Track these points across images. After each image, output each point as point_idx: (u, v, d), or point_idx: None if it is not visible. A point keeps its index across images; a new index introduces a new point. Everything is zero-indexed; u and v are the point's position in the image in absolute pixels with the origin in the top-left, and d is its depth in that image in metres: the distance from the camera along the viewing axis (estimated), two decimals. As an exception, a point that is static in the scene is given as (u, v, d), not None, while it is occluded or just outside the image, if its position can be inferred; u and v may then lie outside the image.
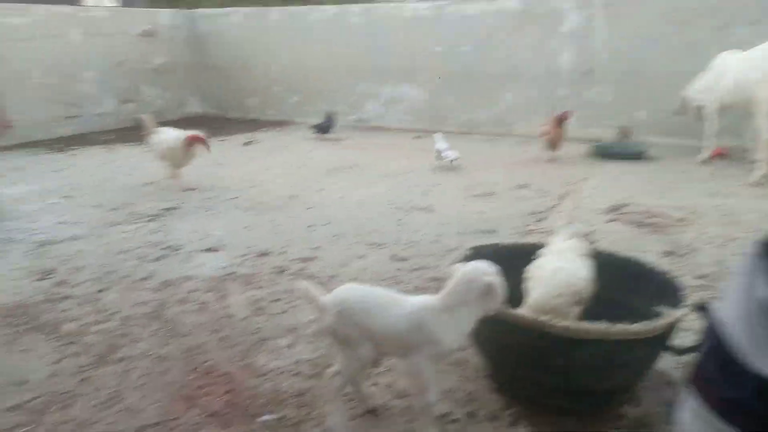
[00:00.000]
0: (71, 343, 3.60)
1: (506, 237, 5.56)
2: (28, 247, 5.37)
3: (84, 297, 4.28)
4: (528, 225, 5.94)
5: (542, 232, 5.56)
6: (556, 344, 2.65)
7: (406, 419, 2.88)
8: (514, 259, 3.58)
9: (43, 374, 3.26)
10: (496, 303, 2.57)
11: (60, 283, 4.53)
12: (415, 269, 4.83)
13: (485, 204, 6.79)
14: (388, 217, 6.32)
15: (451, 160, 8.44)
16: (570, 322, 2.66)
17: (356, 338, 2.57)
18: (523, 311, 2.94)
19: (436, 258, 5.05)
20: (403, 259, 5.06)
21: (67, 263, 4.96)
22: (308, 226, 6.02)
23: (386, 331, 2.56)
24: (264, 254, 5.20)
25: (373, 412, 2.92)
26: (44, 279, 4.63)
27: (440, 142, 8.71)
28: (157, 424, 2.83)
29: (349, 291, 2.69)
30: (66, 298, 4.27)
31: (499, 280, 2.56)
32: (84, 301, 4.20)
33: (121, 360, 3.41)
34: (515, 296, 3.25)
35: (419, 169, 8.57)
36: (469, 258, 3.08)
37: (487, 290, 2.54)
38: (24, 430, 2.77)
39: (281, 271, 4.82)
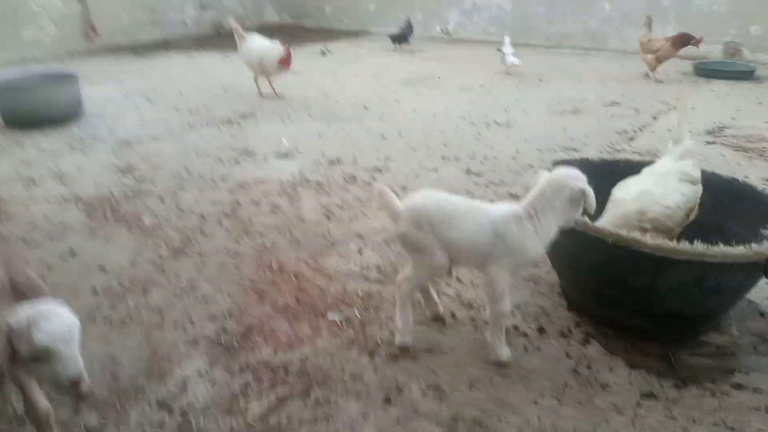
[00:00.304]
0: (151, 235, 3.74)
1: (592, 156, 5.21)
2: (112, 145, 5.55)
3: (163, 194, 4.41)
4: (617, 144, 5.53)
5: (633, 153, 5.17)
6: (645, 263, 2.45)
7: (473, 328, 2.81)
8: (602, 177, 3.33)
9: (124, 262, 3.40)
10: (589, 209, 2.39)
11: (141, 180, 4.68)
12: (491, 184, 4.64)
13: (571, 121, 6.37)
14: (464, 131, 6.07)
15: (511, 64, 8.46)
16: (663, 241, 2.43)
17: (431, 246, 2.45)
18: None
19: (513, 174, 4.82)
20: (478, 174, 4.86)
21: (148, 161, 5.11)
22: (381, 137, 5.88)
23: (465, 240, 2.43)
24: (335, 162, 5.14)
25: (439, 319, 2.86)
26: (126, 175, 4.79)
27: (506, 46, 8.65)
28: (229, 314, 2.91)
29: (425, 198, 2.56)
30: (147, 193, 4.41)
31: (590, 187, 2.36)
32: (163, 198, 4.33)
33: (197, 254, 3.51)
34: (598, 216, 3.04)
35: (500, 83, 8.14)
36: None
37: (578, 197, 2.36)
38: (105, 312, 2.92)
39: (352, 179, 4.75)
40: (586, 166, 3.38)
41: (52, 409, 1.97)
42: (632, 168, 3.30)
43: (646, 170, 3.14)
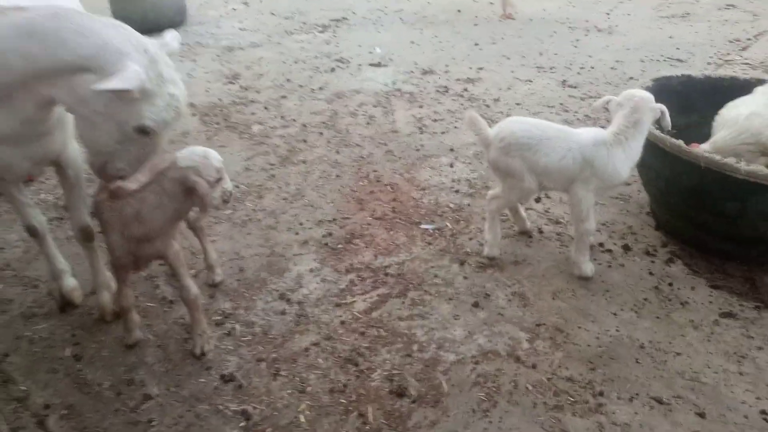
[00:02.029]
0: (260, 143, 4.07)
1: (698, 67, 4.96)
2: (216, 51, 5.86)
3: (267, 102, 4.70)
4: (727, 54, 5.20)
5: (743, 64, 4.87)
6: (736, 188, 2.49)
7: (559, 243, 2.99)
8: (704, 96, 3.27)
9: (239, 168, 3.77)
10: (666, 127, 2.54)
11: (246, 88, 4.98)
12: (587, 97, 4.57)
13: (679, 27, 5.98)
14: (561, 38, 5.87)
15: None
16: (756, 167, 2.44)
17: (521, 172, 2.60)
18: (703, 151, 2.74)
19: (612, 87, 4.71)
20: (574, 86, 4.79)
21: (251, 69, 5.39)
22: (473, 44, 5.82)
23: (554, 166, 2.56)
24: (428, 72, 5.20)
25: (526, 234, 3.05)
26: (232, 83, 5.11)
27: None
28: (333, 220, 3.23)
29: (514, 124, 2.65)
30: (252, 102, 4.72)
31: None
32: (268, 107, 4.63)
33: (302, 162, 3.82)
34: (703, 136, 3.04)
35: (604, -18, 7.62)
36: (651, 90, 2.86)
37: (657, 116, 2.52)
38: (228, 212, 3.32)
39: (444, 90, 4.83)
40: (687, 83, 3.34)
41: (200, 294, 2.38)
42: (738, 86, 3.20)
43: (759, 90, 3.04)
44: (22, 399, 2.19)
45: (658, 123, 2.60)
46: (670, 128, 2.56)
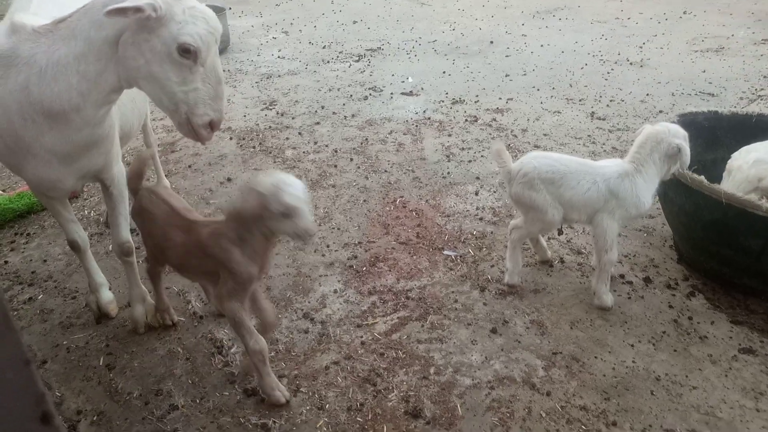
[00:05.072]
0: (292, 167, 4.23)
1: (730, 102, 4.95)
2: (255, 78, 6.10)
3: (302, 128, 4.87)
4: (761, 90, 5.16)
5: (776, 99, 4.84)
6: (759, 225, 2.49)
7: (580, 273, 3.02)
8: (731, 133, 3.29)
9: (271, 190, 3.92)
10: (682, 167, 2.57)
11: (282, 114, 5.18)
12: (615, 129, 4.60)
13: (712, 61, 5.96)
14: (592, 70, 5.92)
15: None
16: (779, 206, 2.45)
17: (544, 205, 2.65)
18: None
19: (640, 120, 4.73)
20: (603, 118, 4.82)
21: (287, 96, 5.59)
22: (504, 75, 5.91)
23: (580, 199, 2.62)
24: (458, 101, 5.30)
25: (548, 263, 3.09)
26: (269, 109, 5.31)
27: None
28: (359, 243, 3.33)
29: (537, 159, 2.71)
30: (287, 127, 4.90)
31: (687, 145, 2.54)
32: (302, 132, 4.80)
33: (331, 186, 3.95)
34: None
35: (640, 16, 7.65)
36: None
37: (674, 152, 2.53)
38: (259, 232, 3.45)
39: (474, 120, 4.92)
40: (714, 119, 3.36)
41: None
42: (765, 123, 3.21)
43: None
44: (57, 405, 2.33)
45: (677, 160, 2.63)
46: (686, 169, 2.59)
